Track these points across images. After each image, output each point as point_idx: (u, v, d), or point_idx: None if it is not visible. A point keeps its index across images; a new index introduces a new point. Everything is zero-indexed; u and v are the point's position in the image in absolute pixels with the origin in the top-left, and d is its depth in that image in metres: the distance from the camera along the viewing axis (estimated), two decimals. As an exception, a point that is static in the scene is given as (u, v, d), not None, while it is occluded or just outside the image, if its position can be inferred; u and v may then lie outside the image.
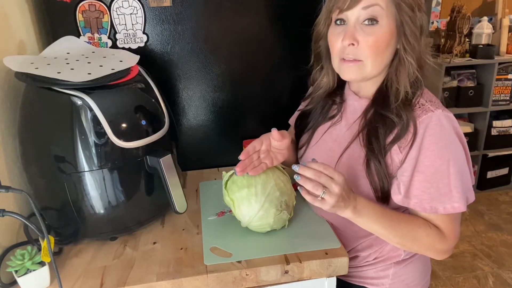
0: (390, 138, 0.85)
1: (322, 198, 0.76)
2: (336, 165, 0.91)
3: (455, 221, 0.85)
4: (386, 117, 0.86)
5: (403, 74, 0.85)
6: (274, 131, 0.89)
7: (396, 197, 0.85)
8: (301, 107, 1.10)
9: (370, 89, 0.92)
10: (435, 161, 0.81)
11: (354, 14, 0.82)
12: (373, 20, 0.81)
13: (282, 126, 1.05)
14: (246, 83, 1.29)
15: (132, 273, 0.84)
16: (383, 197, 0.87)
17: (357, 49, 0.83)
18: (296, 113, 1.12)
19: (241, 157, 0.88)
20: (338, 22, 0.86)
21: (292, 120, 1.14)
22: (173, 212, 0.95)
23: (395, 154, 0.85)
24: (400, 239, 0.85)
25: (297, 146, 1.08)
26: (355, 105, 0.94)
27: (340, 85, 0.99)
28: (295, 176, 0.77)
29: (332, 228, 0.95)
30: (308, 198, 0.77)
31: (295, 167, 0.77)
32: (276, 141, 0.91)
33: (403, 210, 0.91)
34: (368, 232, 0.91)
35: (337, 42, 0.86)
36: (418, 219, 0.85)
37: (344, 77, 0.89)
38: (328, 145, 0.96)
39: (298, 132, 1.07)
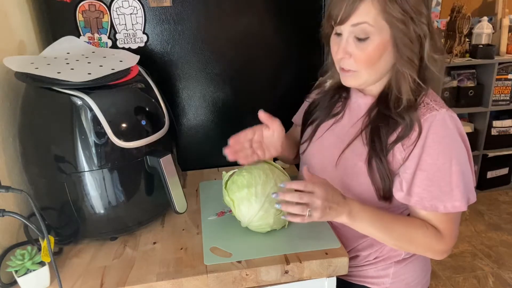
0: (393, 137, 0.85)
1: (309, 216, 0.78)
2: (338, 161, 0.92)
3: (454, 222, 0.85)
4: (389, 117, 0.86)
5: (403, 83, 0.85)
6: (261, 111, 0.91)
7: (398, 194, 0.85)
8: (310, 97, 1.09)
9: (375, 89, 0.92)
10: (437, 159, 0.81)
11: (346, 29, 0.83)
12: (363, 37, 0.81)
13: (284, 125, 1.05)
14: (246, 83, 1.29)
15: (132, 273, 0.84)
16: (384, 195, 0.87)
17: (351, 61, 0.84)
18: (301, 110, 1.12)
19: (230, 141, 0.91)
20: (336, 32, 0.87)
21: (295, 118, 1.14)
22: (173, 212, 0.95)
23: (398, 152, 0.85)
24: (396, 240, 0.85)
25: (298, 142, 1.08)
26: (360, 102, 0.94)
27: None
28: (276, 205, 0.80)
29: (332, 228, 0.94)
30: (295, 219, 0.79)
31: (274, 196, 0.80)
32: (266, 130, 0.93)
33: (403, 210, 0.91)
34: (368, 232, 0.92)
35: (334, 51, 0.88)
36: (415, 220, 0.85)
37: (344, 84, 0.91)
38: (331, 141, 0.96)
39: (304, 124, 1.07)
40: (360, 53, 0.82)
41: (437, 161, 0.81)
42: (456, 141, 0.83)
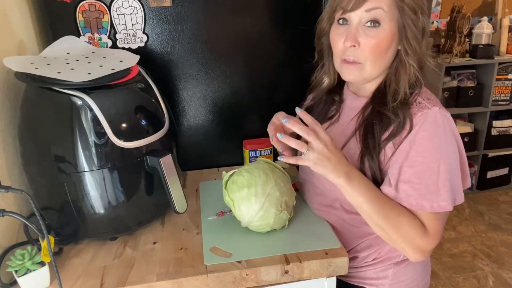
0: (385, 135, 0.86)
1: (305, 155, 0.78)
2: None
3: (439, 221, 0.84)
4: (383, 114, 0.86)
5: (403, 75, 0.86)
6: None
7: (386, 189, 0.85)
8: (304, 104, 1.10)
9: (369, 88, 0.92)
10: (426, 157, 0.81)
11: (357, 16, 0.83)
12: (375, 23, 0.82)
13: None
14: (246, 83, 1.29)
15: (132, 273, 0.84)
16: None
17: (358, 51, 0.84)
18: None
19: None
20: (340, 21, 0.86)
21: None
22: (173, 212, 0.95)
23: (389, 151, 0.85)
24: (382, 220, 0.83)
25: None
26: (354, 104, 0.95)
27: (340, 83, 0.99)
28: (278, 135, 0.78)
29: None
30: (290, 160, 0.79)
31: (284, 122, 0.79)
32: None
33: None
34: (366, 232, 0.92)
35: (339, 42, 0.86)
36: (404, 208, 0.84)
37: (344, 78, 0.91)
38: None
39: None
40: (370, 41, 0.82)
41: (425, 159, 0.81)
42: (446, 139, 0.83)
